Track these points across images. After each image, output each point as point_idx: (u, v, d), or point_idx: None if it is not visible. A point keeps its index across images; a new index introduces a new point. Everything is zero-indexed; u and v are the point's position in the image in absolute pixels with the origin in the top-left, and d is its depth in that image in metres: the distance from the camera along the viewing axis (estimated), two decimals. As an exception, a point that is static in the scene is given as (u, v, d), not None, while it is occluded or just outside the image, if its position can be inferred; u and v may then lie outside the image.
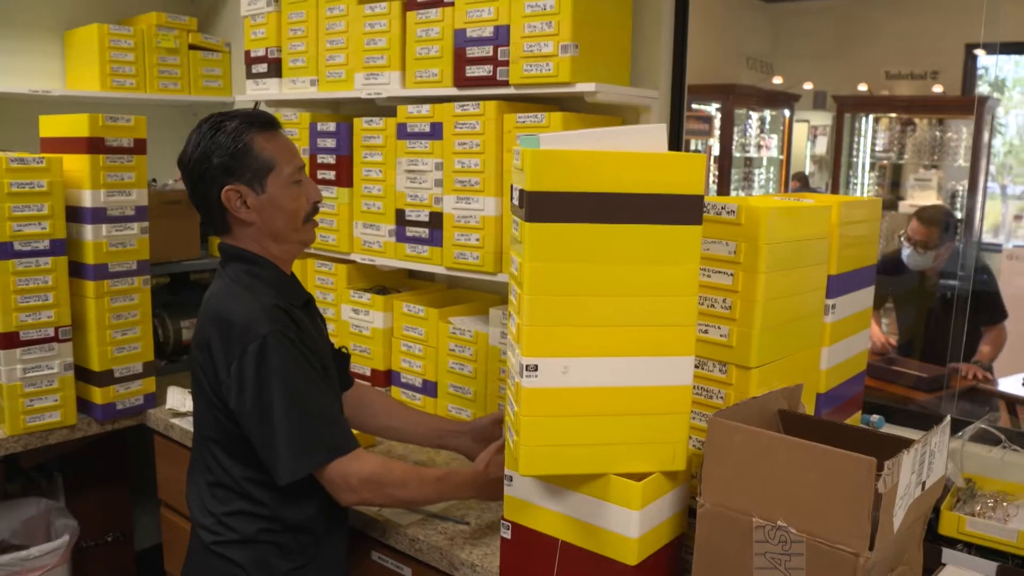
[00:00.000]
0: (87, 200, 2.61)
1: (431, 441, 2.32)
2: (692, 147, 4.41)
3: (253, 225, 1.92)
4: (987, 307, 3.17)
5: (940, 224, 3.74)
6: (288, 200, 1.92)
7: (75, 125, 2.62)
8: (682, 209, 1.49)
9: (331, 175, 2.82)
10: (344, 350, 2.30)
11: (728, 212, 1.63)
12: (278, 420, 1.80)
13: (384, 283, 2.97)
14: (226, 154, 1.86)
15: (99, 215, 2.62)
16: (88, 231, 2.62)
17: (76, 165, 2.61)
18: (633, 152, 1.50)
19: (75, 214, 2.63)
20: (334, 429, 1.87)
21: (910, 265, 3.60)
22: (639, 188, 1.46)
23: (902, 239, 3.87)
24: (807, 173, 5.26)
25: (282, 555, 1.93)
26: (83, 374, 2.73)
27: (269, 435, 1.81)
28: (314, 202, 1.98)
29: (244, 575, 1.91)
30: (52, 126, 2.74)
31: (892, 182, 4.88)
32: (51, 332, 2.61)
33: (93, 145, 2.59)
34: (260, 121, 1.91)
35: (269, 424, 1.80)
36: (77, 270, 2.66)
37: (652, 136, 1.55)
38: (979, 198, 4.27)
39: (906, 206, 4.66)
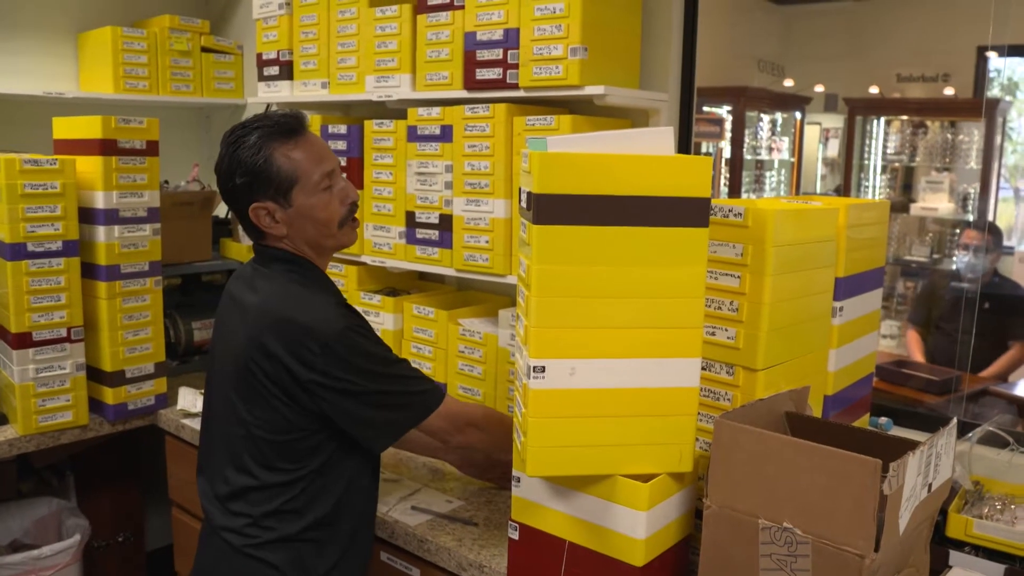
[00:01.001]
0: (100, 201, 2.62)
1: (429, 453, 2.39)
2: (703, 150, 4.42)
3: (285, 236, 1.91)
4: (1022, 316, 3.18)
5: (991, 229, 3.83)
6: (318, 210, 1.89)
7: (88, 127, 2.64)
8: (689, 211, 1.49)
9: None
10: None
11: (735, 214, 1.64)
12: (381, 390, 1.84)
13: (394, 285, 2.98)
14: (247, 172, 1.84)
15: (111, 216, 2.64)
16: (100, 232, 2.63)
17: (89, 167, 2.63)
18: (640, 155, 1.50)
19: (88, 215, 2.65)
20: (428, 383, 1.94)
21: (964, 271, 3.63)
22: (646, 191, 1.47)
23: (956, 250, 3.89)
24: (820, 175, 5.25)
25: (319, 553, 1.92)
26: (95, 374, 2.74)
27: (375, 406, 1.85)
28: (350, 203, 1.95)
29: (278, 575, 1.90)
30: (65, 128, 2.76)
31: (904, 184, 4.87)
32: (63, 332, 2.62)
33: (106, 147, 2.61)
34: (282, 130, 1.87)
35: (373, 397, 1.84)
36: (89, 271, 2.68)
37: (659, 139, 1.56)
38: (991, 200, 4.26)
39: (918, 209, 4.65)
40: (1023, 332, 3.13)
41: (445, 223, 2.54)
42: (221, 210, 3.71)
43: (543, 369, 1.50)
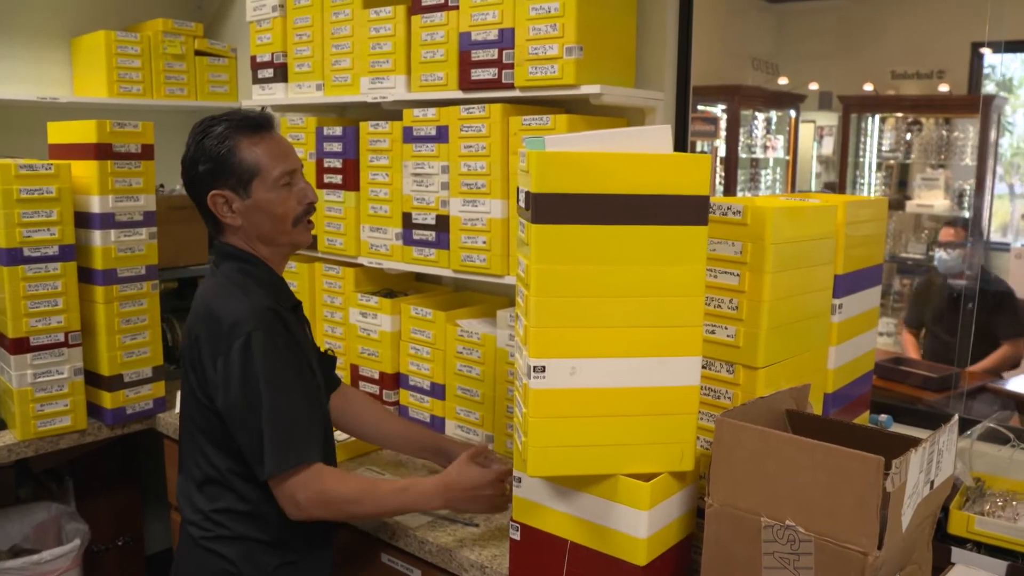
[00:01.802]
0: (95, 206, 2.62)
1: (412, 452, 2.36)
2: (698, 148, 4.41)
3: (241, 228, 1.95)
4: (1008, 313, 3.19)
5: (965, 226, 3.86)
6: (274, 204, 1.92)
7: (83, 131, 2.63)
8: (688, 210, 1.49)
9: (338, 179, 2.83)
10: (330, 352, 2.31)
11: (734, 212, 1.63)
12: (260, 417, 1.81)
13: (391, 286, 2.98)
14: (211, 160, 1.88)
15: (107, 220, 2.63)
16: (97, 236, 2.63)
17: (84, 171, 2.62)
18: (638, 153, 1.50)
19: (84, 220, 2.65)
20: (301, 438, 1.84)
21: (942, 269, 3.64)
22: (645, 189, 1.47)
23: (936, 248, 3.91)
24: (815, 173, 5.25)
25: (270, 550, 1.94)
26: (93, 379, 2.74)
27: (252, 431, 1.82)
28: (307, 203, 1.98)
29: (234, 569, 1.93)
30: (60, 133, 2.76)
31: (899, 182, 4.88)
32: (61, 337, 2.62)
33: (101, 151, 2.60)
34: (248, 124, 1.92)
35: (252, 421, 1.81)
36: (86, 275, 2.67)
37: (657, 137, 1.56)
38: (987, 197, 4.27)
39: (913, 206, 4.65)
40: (1010, 331, 3.13)
41: (442, 224, 2.54)
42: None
43: (543, 369, 1.50)
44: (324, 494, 1.84)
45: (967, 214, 4.36)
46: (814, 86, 4.80)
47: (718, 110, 4.81)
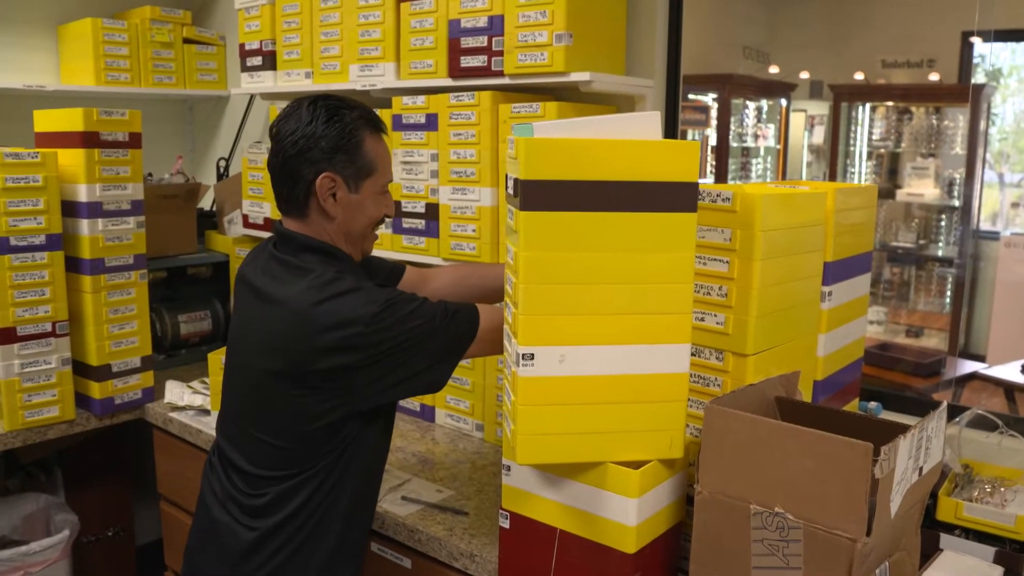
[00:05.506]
0: (83, 195, 2.60)
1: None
2: (689, 137, 4.41)
3: (333, 220, 1.86)
4: None
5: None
6: (372, 208, 1.88)
7: (70, 120, 2.61)
8: (677, 196, 1.48)
9: (327, 167, 2.82)
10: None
11: (723, 199, 1.63)
12: (424, 338, 1.75)
13: (381, 275, 2.97)
14: (337, 142, 1.81)
15: (95, 209, 2.61)
16: (84, 226, 2.61)
17: (71, 160, 2.61)
18: (627, 140, 1.50)
19: (71, 209, 2.63)
20: (462, 309, 1.83)
21: None
22: (634, 176, 1.46)
23: None
24: (806, 161, 5.25)
25: (331, 539, 1.87)
26: (81, 369, 2.73)
27: (430, 350, 1.76)
28: (386, 215, 1.95)
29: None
30: (47, 121, 2.74)
31: (890, 170, 4.88)
32: (48, 327, 2.60)
33: (88, 139, 2.58)
34: (374, 122, 1.87)
35: (425, 344, 1.75)
36: (73, 265, 2.65)
37: (646, 124, 1.55)
38: (976, 186, 4.27)
39: (904, 194, 4.66)
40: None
41: (431, 212, 2.53)
42: (206, 202, 3.69)
43: (532, 356, 1.50)
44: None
45: (957, 203, 4.37)
46: (805, 75, 4.80)
47: (709, 99, 4.81)
